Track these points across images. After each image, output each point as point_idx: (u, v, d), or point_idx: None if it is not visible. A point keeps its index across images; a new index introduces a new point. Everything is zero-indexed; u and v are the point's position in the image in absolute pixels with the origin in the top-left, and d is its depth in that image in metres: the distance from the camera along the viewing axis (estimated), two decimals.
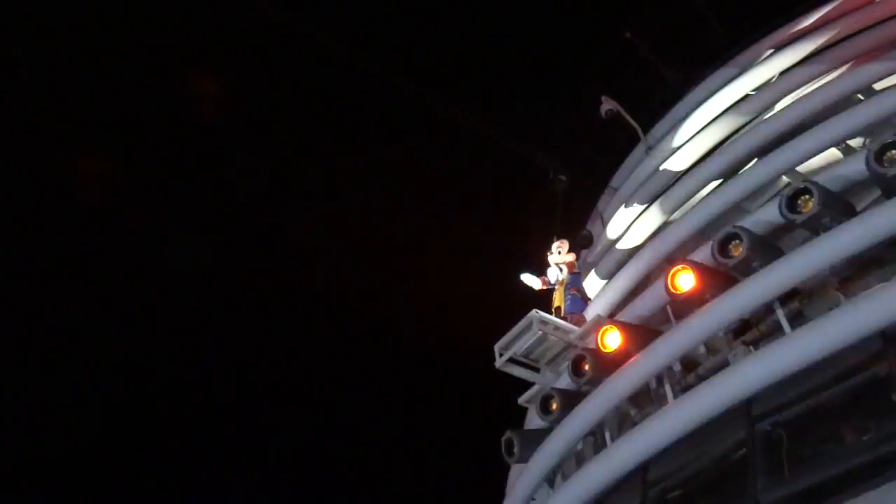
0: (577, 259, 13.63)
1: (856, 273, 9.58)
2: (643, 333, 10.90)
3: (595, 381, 10.85)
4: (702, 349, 10.48)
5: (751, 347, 9.97)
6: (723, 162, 13.34)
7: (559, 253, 13.39)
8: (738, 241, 9.87)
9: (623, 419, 11.37)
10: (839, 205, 9.76)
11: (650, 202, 14.34)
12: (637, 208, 14.64)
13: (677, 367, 10.58)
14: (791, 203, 9.71)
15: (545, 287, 13.26)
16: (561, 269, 13.24)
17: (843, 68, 13.29)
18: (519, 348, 12.18)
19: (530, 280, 13.22)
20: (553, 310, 12.94)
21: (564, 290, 12.98)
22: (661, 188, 14.55)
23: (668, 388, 10.49)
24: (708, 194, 13.14)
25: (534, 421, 12.82)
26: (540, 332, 12.05)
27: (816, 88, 13.17)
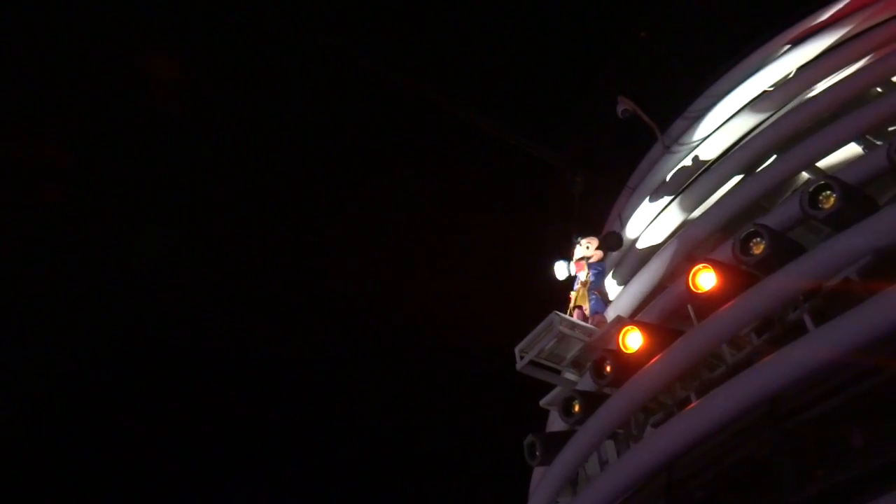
0: (603, 258, 13.50)
1: (879, 268, 9.47)
2: (665, 333, 10.84)
3: (617, 383, 10.80)
4: (724, 347, 10.41)
5: (774, 345, 9.88)
6: (741, 159, 13.26)
7: (587, 248, 13.30)
8: (758, 239, 9.80)
9: (645, 420, 11.31)
10: (861, 200, 9.66)
11: (669, 201, 14.27)
12: (656, 207, 14.57)
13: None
14: (812, 199, 9.62)
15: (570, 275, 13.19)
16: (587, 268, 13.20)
17: (862, 62, 13.17)
18: (539, 350, 12.15)
19: (561, 270, 13.20)
20: (571, 309, 12.87)
21: (588, 291, 12.91)
22: (680, 187, 14.48)
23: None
24: (727, 192, 13.06)
25: (556, 423, 12.79)
26: (560, 334, 12.02)
27: (835, 83, 13.06)
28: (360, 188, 30.16)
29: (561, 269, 13.28)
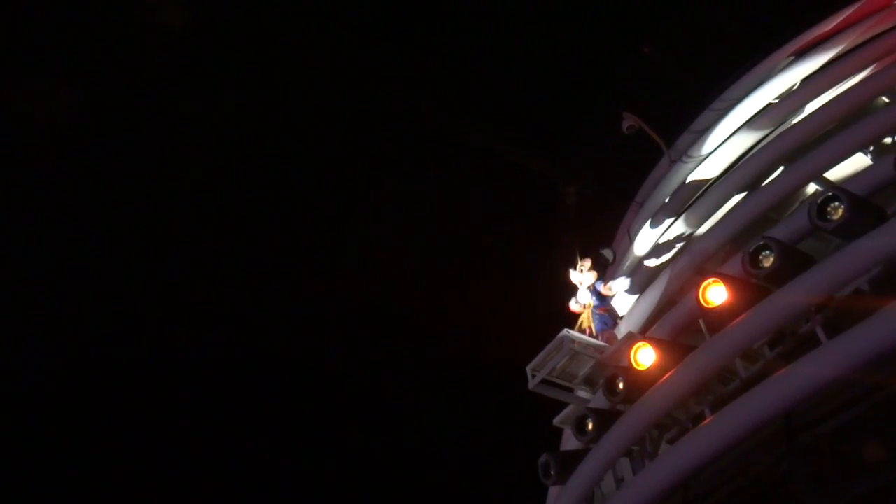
0: (598, 278, 13.44)
1: (890, 278, 9.43)
2: (677, 349, 10.78)
3: (630, 399, 10.74)
4: (737, 361, 10.35)
5: (787, 358, 9.84)
6: (749, 172, 13.24)
7: (581, 272, 13.29)
8: (768, 252, 9.76)
9: (660, 436, 11.24)
10: (869, 210, 9.63)
11: (677, 216, 14.24)
12: (664, 222, 14.54)
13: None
14: (821, 211, 9.60)
15: (582, 310, 13.14)
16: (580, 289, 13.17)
17: (866, 72, 13.17)
18: (551, 369, 12.10)
19: (577, 306, 13.14)
20: (579, 328, 12.81)
21: (592, 311, 12.86)
22: (688, 201, 14.45)
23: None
24: (735, 205, 13.03)
25: (570, 442, 12.72)
26: (571, 352, 11.98)
27: (840, 93, 13.05)
28: (381, 202, 30.35)
29: (577, 306, 13.19)
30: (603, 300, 13.02)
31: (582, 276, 13.22)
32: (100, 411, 30.08)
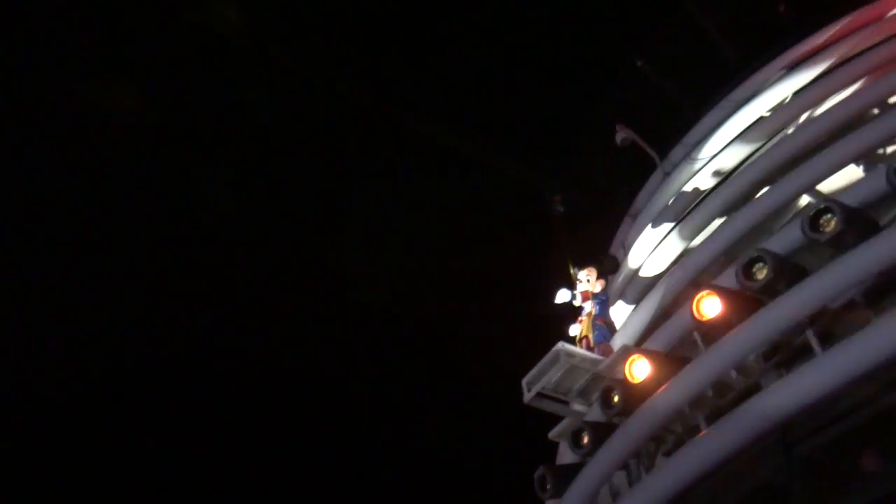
0: (605, 286, 13.44)
1: (884, 289, 9.47)
2: (672, 361, 10.78)
3: (626, 412, 10.73)
4: (732, 373, 10.36)
5: (782, 370, 9.86)
6: (742, 184, 13.29)
7: (587, 282, 13.27)
8: (762, 264, 9.79)
9: (656, 449, 11.23)
10: (862, 221, 9.67)
11: (671, 228, 14.28)
12: (658, 235, 14.57)
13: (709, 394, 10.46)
14: (813, 223, 9.63)
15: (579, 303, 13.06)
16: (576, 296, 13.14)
17: (857, 84, 13.25)
18: (547, 382, 12.06)
19: (564, 296, 13.11)
20: (578, 340, 12.82)
21: (592, 322, 12.87)
22: (681, 213, 14.50)
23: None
24: (729, 217, 13.08)
25: (566, 455, 12.70)
26: (567, 365, 11.96)
27: (831, 106, 13.13)
28: (380, 210, 30.36)
29: (562, 295, 13.19)
30: (603, 310, 13.01)
31: (589, 284, 13.20)
32: (101, 414, 29.96)
